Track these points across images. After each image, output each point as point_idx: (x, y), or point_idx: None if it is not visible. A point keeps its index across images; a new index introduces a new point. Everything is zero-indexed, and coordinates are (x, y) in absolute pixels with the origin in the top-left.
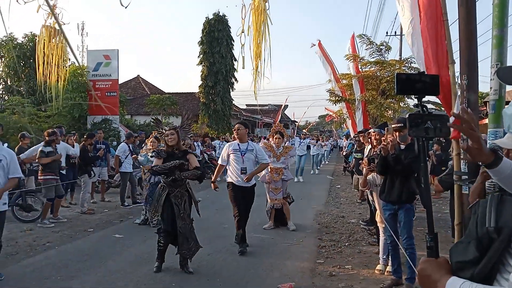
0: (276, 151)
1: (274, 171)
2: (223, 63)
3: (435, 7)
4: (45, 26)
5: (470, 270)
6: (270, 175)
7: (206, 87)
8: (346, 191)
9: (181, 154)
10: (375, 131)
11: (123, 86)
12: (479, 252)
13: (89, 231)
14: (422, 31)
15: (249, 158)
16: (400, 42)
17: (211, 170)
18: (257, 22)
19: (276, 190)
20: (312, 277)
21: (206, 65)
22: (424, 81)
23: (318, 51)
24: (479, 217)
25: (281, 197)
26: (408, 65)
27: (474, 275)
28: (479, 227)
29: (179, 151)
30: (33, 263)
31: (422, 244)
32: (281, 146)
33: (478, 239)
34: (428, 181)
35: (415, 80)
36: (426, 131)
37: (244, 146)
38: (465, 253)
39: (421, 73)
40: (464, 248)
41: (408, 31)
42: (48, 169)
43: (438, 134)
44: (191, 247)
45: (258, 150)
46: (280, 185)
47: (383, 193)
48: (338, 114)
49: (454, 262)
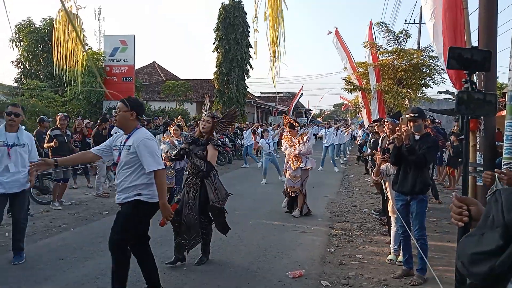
0: (293, 140)
1: (294, 160)
2: (239, 49)
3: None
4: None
5: (489, 262)
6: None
7: (221, 74)
8: (360, 180)
9: (203, 143)
10: (389, 120)
11: (139, 71)
12: (504, 240)
13: (104, 214)
14: (442, 21)
15: None
16: (419, 31)
17: (224, 157)
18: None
19: (295, 178)
20: (322, 265)
21: (222, 51)
22: (476, 57)
23: (334, 39)
24: (505, 204)
25: (299, 186)
26: (426, 53)
27: (495, 267)
28: (506, 213)
29: (203, 140)
30: (49, 244)
31: (434, 235)
32: (297, 135)
33: (506, 226)
34: (468, 160)
35: (467, 56)
36: (474, 108)
37: None
38: (482, 244)
39: (474, 48)
40: (478, 240)
41: (430, 21)
42: (57, 151)
43: (484, 112)
44: (191, 239)
45: None
46: (299, 174)
47: (396, 183)
48: (353, 103)
49: (469, 254)
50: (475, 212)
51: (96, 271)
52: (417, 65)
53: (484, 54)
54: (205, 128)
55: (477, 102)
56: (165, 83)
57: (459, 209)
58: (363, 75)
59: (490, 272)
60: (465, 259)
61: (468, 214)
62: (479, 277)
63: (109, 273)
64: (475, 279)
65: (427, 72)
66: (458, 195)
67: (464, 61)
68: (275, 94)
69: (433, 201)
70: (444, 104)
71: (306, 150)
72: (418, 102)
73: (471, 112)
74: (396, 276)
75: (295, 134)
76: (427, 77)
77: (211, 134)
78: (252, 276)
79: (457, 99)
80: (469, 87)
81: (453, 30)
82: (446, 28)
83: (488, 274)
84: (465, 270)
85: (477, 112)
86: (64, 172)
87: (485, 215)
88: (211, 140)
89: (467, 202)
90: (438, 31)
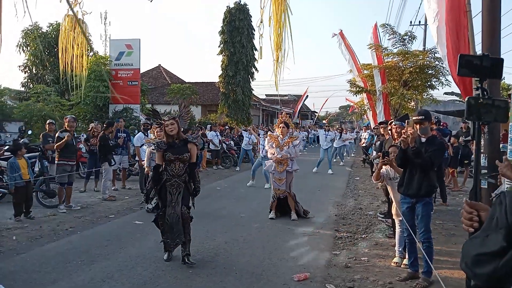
0: (280, 141)
1: (278, 162)
2: (244, 52)
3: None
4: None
5: (492, 263)
6: (275, 165)
7: (226, 77)
8: (365, 183)
9: (182, 144)
10: (396, 123)
11: (145, 75)
12: (508, 241)
13: (110, 217)
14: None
15: None
16: (424, 32)
17: (229, 159)
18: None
19: (280, 180)
20: (327, 268)
21: (227, 54)
22: (486, 64)
23: (339, 41)
24: (509, 206)
25: (284, 188)
26: (432, 55)
27: (498, 268)
28: (510, 215)
29: (179, 141)
30: (56, 247)
31: (439, 238)
32: (286, 136)
33: (509, 228)
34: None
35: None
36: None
37: None
38: (486, 245)
39: (484, 56)
40: (482, 241)
41: (434, 24)
42: (64, 154)
43: (495, 118)
44: (174, 238)
45: None
46: (284, 176)
47: (402, 186)
48: (359, 104)
49: (472, 255)
50: (486, 218)
51: (102, 274)
52: (422, 67)
53: (495, 61)
54: (173, 130)
55: (486, 107)
56: (170, 86)
57: (470, 214)
58: (368, 77)
59: (493, 273)
60: (469, 260)
61: (478, 219)
62: (483, 278)
63: (116, 276)
64: (479, 280)
65: (432, 74)
66: (469, 201)
67: (475, 68)
68: (280, 96)
69: (439, 203)
70: (450, 106)
71: (294, 154)
72: (424, 103)
73: (481, 118)
74: (401, 279)
75: (286, 133)
76: (433, 79)
77: (179, 133)
78: (257, 279)
79: (466, 105)
80: (480, 93)
81: (456, 32)
82: (449, 30)
83: (492, 275)
84: (469, 271)
85: (486, 118)
86: (69, 176)
87: (490, 217)
88: (188, 138)
89: (477, 207)
90: (442, 34)
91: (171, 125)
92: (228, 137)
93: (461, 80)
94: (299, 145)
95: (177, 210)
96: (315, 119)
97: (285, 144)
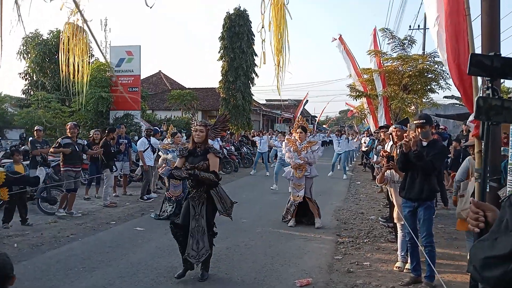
0: (298, 146)
1: (297, 168)
2: (244, 58)
3: (457, 1)
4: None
5: (502, 266)
6: (293, 171)
7: (226, 82)
8: (366, 187)
9: (202, 153)
10: (396, 127)
11: (145, 81)
12: None
13: (111, 224)
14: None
15: None
16: (424, 36)
17: (230, 165)
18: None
19: (299, 186)
20: (329, 273)
21: (227, 60)
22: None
23: (339, 45)
24: None
25: (303, 194)
26: (431, 59)
27: (508, 271)
28: None
29: (201, 150)
30: (58, 254)
31: (441, 242)
32: (305, 141)
33: None
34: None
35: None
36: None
37: None
38: (495, 249)
39: (495, 55)
40: (491, 244)
41: (434, 28)
42: (68, 161)
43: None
44: (200, 251)
45: None
46: (302, 182)
47: (403, 190)
48: (359, 109)
49: (480, 258)
50: (492, 218)
51: (104, 281)
52: (422, 71)
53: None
54: (199, 137)
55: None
56: (170, 92)
57: (476, 214)
58: (368, 82)
59: (503, 276)
60: (477, 264)
61: (484, 220)
62: (492, 281)
63: (117, 283)
64: (488, 284)
65: (432, 78)
66: (476, 201)
67: (485, 67)
68: (281, 101)
69: (440, 207)
70: (450, 109)
71: (313, 160)
72: (424, 107)
73: (490, 118)
74: (404, 284)
75: (304, 138)
76: (432, 82)
77: (206, 142)
78: (260, 285)
79: (476, 105)
80: (490, 93)
81: (456, 37)
82: (448, 35)
83: (501, 279)
84: (477, 274)
85: (495, 118)
86: (75, 183)
87: (499, 220)
88: (210, 148)
89: (484, 208)
90: (442, 38)
91: (200, 131)
92: (228, 142)
93: (461, 84)
94: (318, 150)
95: (201, 223)
96: (315, 124)
97: (303, 148)
